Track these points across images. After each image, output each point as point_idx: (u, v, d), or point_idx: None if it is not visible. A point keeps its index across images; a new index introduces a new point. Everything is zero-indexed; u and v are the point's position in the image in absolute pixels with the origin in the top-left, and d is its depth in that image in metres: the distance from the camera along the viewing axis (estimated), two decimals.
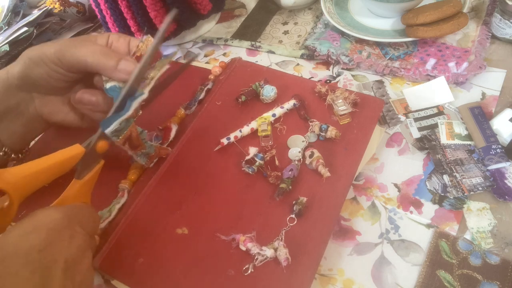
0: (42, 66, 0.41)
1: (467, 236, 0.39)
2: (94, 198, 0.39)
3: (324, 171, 0.42)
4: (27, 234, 0.28)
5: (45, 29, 0.69)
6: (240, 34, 0.65)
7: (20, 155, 0.47)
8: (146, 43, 0.43)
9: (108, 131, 0.38)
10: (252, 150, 0.44)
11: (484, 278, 0.36)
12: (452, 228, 0.40)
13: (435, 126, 0.47)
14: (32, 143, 0.50)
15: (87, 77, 0.43)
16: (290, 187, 0.42)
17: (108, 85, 0.40)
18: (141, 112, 0.41)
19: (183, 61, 0.63)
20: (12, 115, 0.43)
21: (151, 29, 0.58)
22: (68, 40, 0.42)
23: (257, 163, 0.44)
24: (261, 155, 0.44)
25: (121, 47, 0.44)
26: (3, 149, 0.44)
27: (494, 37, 0.55)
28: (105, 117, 0.39)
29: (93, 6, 0.60)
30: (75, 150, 0.35)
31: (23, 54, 0.42)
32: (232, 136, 0.47)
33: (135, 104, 0.39)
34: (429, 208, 0.42)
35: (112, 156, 0.40)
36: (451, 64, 0.51)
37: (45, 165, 0.33)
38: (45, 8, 0.72)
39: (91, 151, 0.37)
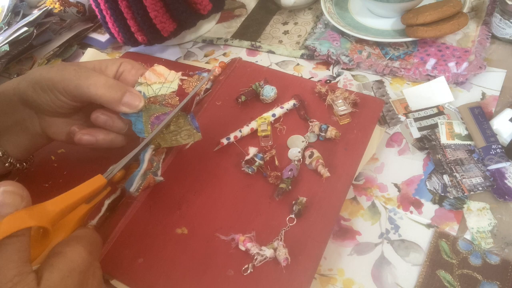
0: (47, 93, 0.41)
1: (467, 236, 0.39)
2: None
3: (324, 171, 0.42)
4: (65, 278, 0.30)
5: (45, 29, 0.69)
6: (240, 34, 0.65)
7: (24, 164, 0.47)
8: (199, 82, 0.44)
9: (132, 189, 0.39)
10: (252, 150, 0.44)
11: (484, 278, 0.36)
12: (452, 228, 0.40)
13: (435, 126, 0.47)
14: None
15: (94, 104, 0.43)
16: (290, 187, 0.42)
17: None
18: (162, 179, 0.42)
19: (182, 60, 0.63)
20: (18, 129, 0.44)
21: (151, 29, 0.58)
22: (74, 70, 0.41)
23: (256, 163, 0.44)
24: (260, 155, 0.44)
25: (131, 78, 0.44)
26: (9, 160, 0.45)
27: (494, 37, 0.55)
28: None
29: (93, 6, 0.60)
30: (99, 181, 0.37)
31: (29, 74, 0.42)
32: (232, 136, 0.47)
33: (147, 156, 0.40)
34: (429, 208, 0.42)
35: (111, 157, 0.40)
36: (451, 64, 0.51)
37: (75, 199, 0.34)
38: (45, 8, 0.72)
39: (109, 180, 0.38)
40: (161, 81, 0.43)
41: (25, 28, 0.67)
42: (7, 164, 0.45)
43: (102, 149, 0.44)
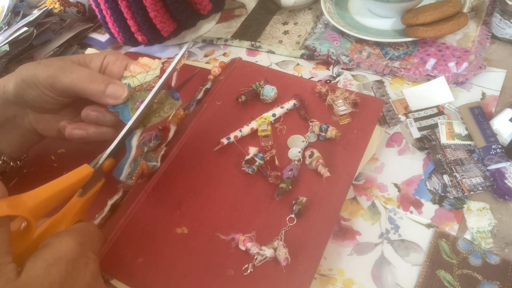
0: (34, 89, 0.41)
1: (467, 236, 0.39)
2: None
3: (324, 171, 0.42)
4: (49, 267, 0.29)
5: (45, 29, 0.69)
6: (240, 34, 0.65)
7: (18, 162, 0.48)
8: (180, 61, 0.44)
9: (122, 177, 0.39)
10: (252, 150, 0.44)
11: (484, 278, 0.36)
12: (452, 228, 0.40)
13: (435, 126, 0.47)
14: None
15: (81, 99, 0.43)
16: (290, 187, 0.42)
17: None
18: (159, 165, 0.42)
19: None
20: (9, 126, 0.44)
21: (151, 29, 0.58)
22: (59, 65, 0.41)
23: (257, 163, 0.44)
24: (261, 155, 0.44)
25: (116, 70, 0.44)
26: (2, 157, 0.45)
27: (494, 37, 0.55)
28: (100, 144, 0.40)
29: (93, 6, 0.60)
30: (85, 170, 0.36)
31: (17, 71, 0.42)
32: (232, 136, 0.47)
33: (134, 142, 0.40)
34: (429, 208, 0.42)
35: (100, 145, 0.41)
36: (451, 64, 0.51)
37: (58, 188, 0.34)
38: (45, 8, 0.72)
39: (98, 170, 0.38)
40: (145, 71, 0.44)
41: (25, 28, 0.67)
42: (0, 162, 0.44)
43: (93, 142, 0.43)
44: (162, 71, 0.44)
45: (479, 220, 0.40)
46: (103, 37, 0.71)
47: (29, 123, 0.44)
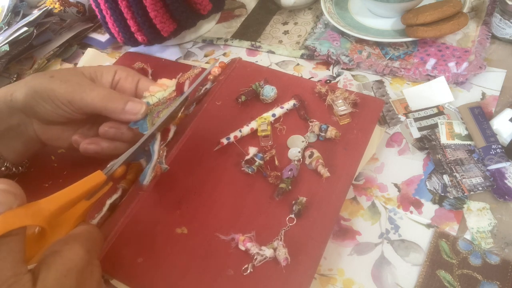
0: (49, 103, 0.41)
1: (467, 236, 0.39)
2: None
3: (324, 171, 0.42)
4: (62, 278, 0.29)
5: (45, 29, 0.69)
6: (240, 34, 0.65)
7: (20, 168, 0.48)
8: (192, 71, 0.46)
9: (146, 182, 0.40)
10: (252, 150, 0.44)
11: (484, 278, 0.36)
12: (452, 228, 0.40)
13: (435, 126, 0.47)
14: None
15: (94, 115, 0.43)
16: (290, 187, 0.42)
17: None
18: (167, 167, 0.43)
19: (182, 60, 0.63)
20: (13, 133, 0.44)
21: (151, 29, 0.58)
22: (77, 83, 0.42)
23: (256, 163, 0.44)
24: (260, 155, 0.44)
25: (128, 86, 0.45)
26: (5, 164, 0.45)
27: (494, 37, 0.55)
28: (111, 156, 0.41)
29: (93, 6, 0.60)
30: (98, 178, 0.36)
31: (27, 81, 0.42)
32: (232, 136, 0.47)
33: (156, 147, 0.41)
34: (429, 208, 0.42)
35: (112, 157, 0.41)
36: (451, 64, 0.51)
37: (73, 196, 0.34)
38: (45, 8, 0.72)
39: (109, 177, 0.38)
40: (163, 89, 0.45)
41: (25, 28, 0.67)
42: (3, 168, 0.45)
43: (106, 156, 0.44)
44: (178, 85, 0.45)
45: (479, 220, 0.40)
46: (103, 37, 0.71)
47: (34, 131, 0.45)
